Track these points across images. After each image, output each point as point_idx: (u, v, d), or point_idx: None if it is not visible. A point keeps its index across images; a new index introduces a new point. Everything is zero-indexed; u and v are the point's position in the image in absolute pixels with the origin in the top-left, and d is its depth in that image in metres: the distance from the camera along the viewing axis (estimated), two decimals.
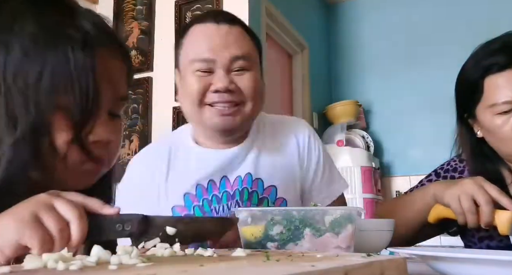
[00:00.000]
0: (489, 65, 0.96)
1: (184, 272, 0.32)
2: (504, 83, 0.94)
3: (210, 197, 0.99)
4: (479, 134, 1.03)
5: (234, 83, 0.94)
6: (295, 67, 3.34)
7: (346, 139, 3.18)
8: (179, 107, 2.49)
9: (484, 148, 1.03)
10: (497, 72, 0.95)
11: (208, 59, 0.94)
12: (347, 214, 0.59)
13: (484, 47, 1.00)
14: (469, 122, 1.05)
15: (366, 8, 3.74)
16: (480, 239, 1.00)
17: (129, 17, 2.77)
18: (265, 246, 0.59)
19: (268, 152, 1.04)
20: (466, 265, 0.52)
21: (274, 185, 1.00)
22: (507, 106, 0.94)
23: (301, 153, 1.07)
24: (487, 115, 0.97)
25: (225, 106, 0.94)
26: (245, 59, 0.95)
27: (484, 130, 1.01)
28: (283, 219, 0.59)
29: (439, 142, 1.16)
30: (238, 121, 0.96)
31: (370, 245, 0.77)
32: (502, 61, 0.95)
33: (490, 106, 0.96)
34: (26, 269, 0.34)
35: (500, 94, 0.94)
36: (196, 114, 0.97)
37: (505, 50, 0.96)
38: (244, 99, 0.96)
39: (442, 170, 1.12)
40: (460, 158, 1.11)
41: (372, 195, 3.04)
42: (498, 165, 1.03)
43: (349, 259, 0.40)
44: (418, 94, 3.36)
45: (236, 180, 1.00)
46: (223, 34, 0.95)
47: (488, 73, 0.96)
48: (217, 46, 0.94)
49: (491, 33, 1.03)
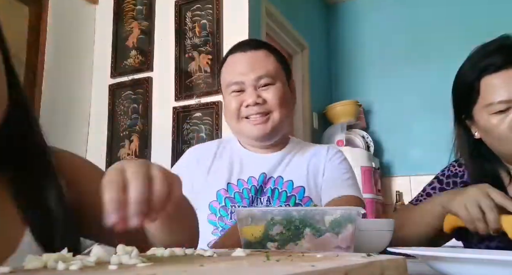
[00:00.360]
0: (485, 66, 0.97)
1: (184, 272, 0.32)
2: (500, 83, 0.95)
3: (241, 190, 1.16)
4: (477, 135, 1.04)
5: (262, 97, 1.15)
6: (295, 67, 3.34)
7: (346, 139, 3.18)
8: (179, 107, 2.50)
9: (482, 149, 1.04)
10: (493, 73, 0.96)
11: (238, 82, 1.17)
12: (347, 214, 0.59)
13: (480, 49, 1.01)
14: (467, 123, 1.06)
15: (366, 8, 3.74)
16: (479, 240, 1.00)
17: (129, 17, 2.77)
18: (265, 246, 0.59)
19: (301, 159, 1.22)
20: (466, 265, 0.52)
21: (302, 185, 1.17)
22: (503, 105, 0.95)
23: (326, 163, 1.22)
24: (484, 115, 0.98)
25: (256, 117, 1.15)
26: (269, 76, 1.16)
27: (481, 130, 1.01)
28: (283, 219, 0.59)
29: (439, 142, 1.16)
30: (269, 127, 1.16)
31: (370, 245, 0.76)
32: (498, 62, 0.96)
33: (486, 105, 0.97)
34: (26, 269, 0.34)
35: (496, 94, 0.95)
36: (236, 126, 1.19)
37: (501, 51, 0.97)
38: (271, 108, 1.16)
39: (444, 177, 1.13)
40: (459, 163, 1.12)
41: (372, 195, 3.04)
42: (496, 167, 1.04)
43: (349, 259, 0.40)
44: (418, 94, 3.36)
45: (269, 180, 1.17)
46: (248, 59, 1.17)
47: (484, 73, 0.98)
48: (244, 70, 1.16)
49: (491, 33, 1.03)
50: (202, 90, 2.46)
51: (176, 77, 2.54)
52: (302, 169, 1.19)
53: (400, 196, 3.30)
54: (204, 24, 2.53)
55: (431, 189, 1.14)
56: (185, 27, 2.58)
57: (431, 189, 1.14)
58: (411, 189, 3.31)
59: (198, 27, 2.54)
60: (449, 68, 1.27)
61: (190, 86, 2.50)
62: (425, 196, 1.14)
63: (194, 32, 2.55)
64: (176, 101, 2.52)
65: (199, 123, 2.44)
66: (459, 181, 1.10)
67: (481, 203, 0.85)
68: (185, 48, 2.56)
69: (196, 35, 2.54)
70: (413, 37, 3.48)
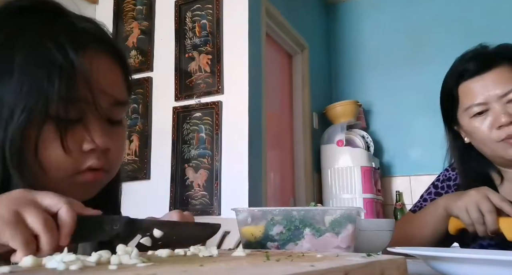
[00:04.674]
0: (461, 73, 1.03)
1: (184, 272, 0.32)
2: (475, 87, 1.00)
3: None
4: (466, 140, 1.07)
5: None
6: (295, 67, 3.34)
7: (346, 139, 3.18)
8: (179, 107, 2.50)
9: (472, 153, 1.08)
10: (468, 79, 1.02)
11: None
12: (347, 214, 0.59)
13: (459, 58, 1.08)
14: (455, 129, 1.10)
15: (366, 8, 3.74)
16: (473, 239, 1.03)
17: (129, 17, 2.77)
18: (265, 246, 0.59)
19: None
20: (466, 265, 0.52)
21: None
22: (480, 107, 0.99)
23: None
24: (465, 119, 1.03)
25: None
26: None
27: (467, 134, 1.06)
28: (283, 219, 0.59)
29: (439, 142, 1.17)
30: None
31: (370, 245, 0.76)
32: (472, 68, 1.01)
33: (466, 109, 1.02)
34: (26, 269, 0.34)
35: (472, 98, 1.01)
36: None
37: (475, 58, 1.03)
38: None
39: (439, 182, 1.17)
40: (452, 167, 1.16)
41: (372, 195, 3.05)
42: (486, 168, 1.07)
43: (349, 259, 0.40)
44: (418, 94, 3.36)
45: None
46: None
47: (461, 80, 1.03)
48: None
49: (491, 34, 1.04)
50: (202, 90, 2.46)
51: (176, 77, 2.54)
52: None
53: (400, 196, 3.31)
54: (204, 24, 2.53)
55: (427, 195, 1.17)
56: (185, 27, 2.58)
57: (427, 195, 1.18)
58: (411, 189, 3.32)
59: (198, 27, 2.55)
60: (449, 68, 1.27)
61: (190, 86, 2.50)
62: (422, 201, 1.17)
63: (194, 32, 2.55)
64: (176, 101, 2.52)
65: (199, 123, 2.44)
66: (452, 184, 1.14)
67: (481, 206, 0.87)
68: (185, 48, 2.56)
69: (196, 35, 2.54)
70: (413, 37, 3.48)
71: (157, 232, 0.53)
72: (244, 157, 2.30)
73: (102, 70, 0.60)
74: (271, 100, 2.79)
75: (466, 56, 1.06)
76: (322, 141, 3.30)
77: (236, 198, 2.26)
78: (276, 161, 2.91)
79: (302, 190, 3.08)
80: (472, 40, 1.07)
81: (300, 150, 3.17)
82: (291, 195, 3.08)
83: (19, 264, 0.35)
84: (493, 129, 0.98)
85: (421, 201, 1.17)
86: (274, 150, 2.86)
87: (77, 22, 0.60)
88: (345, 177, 3.09)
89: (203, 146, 2.40)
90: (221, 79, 2.42)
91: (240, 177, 2.28)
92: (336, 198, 3.09)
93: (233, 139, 2.34)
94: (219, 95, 2.42)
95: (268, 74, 2.67)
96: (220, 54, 2.44)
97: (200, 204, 2.34)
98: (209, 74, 2.46)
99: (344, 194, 3.07)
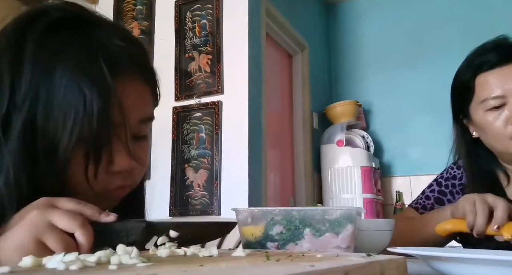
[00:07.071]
0: (480, 64, 0.99)
1: (184, 272, 0.32)
2: (494, 79, 0.96)
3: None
4: (475, 134, 1.04)
5: None
6: (295, 67, 3.34)
7: (346, 139, 3.18)
8: (179, 107, 2.50)
9: (479, 149, 1.05)
10: (487, 70, 0.98)
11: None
12: (347, 214, 0.59)
13: (477, 49, 1.03)
14: (464, 123, 1.06)
15: (366, 8, 3.74)
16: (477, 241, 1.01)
17: (129, 17, 2.77)
18: (265, 246, 0.59)
19: None
20: (466, 265, 0.52)
21: None
22: (497, 101, 0.96)
23: None
24: (479, 112, 0.99)
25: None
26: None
27: (478, 128, 1.02)
28: (283, 219, 0.59)
29: (439, 142, 1.17)
30: None
31: (370, 245, 0.76)
32: (493, 59, 0.97)
33: (481, 102, 0.98)
34: (26, 269, 0.34)
35: (490, 90, 0.96)
36: None
37: (496, 49, 0.98)
38: None
39: (443, 179, 1.13)
40: (457, 165, 1.12)
41: (372, 195, 3.05)
42: (493, 167, 1.04)
43: (349, 259, 0.40)
44: (418, 94, 3.36)
45: None
46: None
47: (479, 71, 0.99)
48: None
49: (491, 34, 1.04)
50: (202, 90, 2.46)
51: (176, 77, 2.54)
52: None
53: (400, 196, 3.31)
54: (204, 24, 2.53)
55: (430, 192, 1.14)
56: (185, 27, 2.58)
57: (430, 191, 1.14)
58: (411, 189, 3.32)
59: (198, 27, 2.54)
60: (449, 68, 1.27)
61: (190, 86, 2.50)
62: (424, 198, 1.14)
63: (194, 32, 2.55)
64: (176, 101, 2.51)
65: (199, 123, 2.44)
66: (458, 183, 1.10)
67: (494, 202, 0.83)
68: (185, 48, 2.56)
69: (196, 35, 2.54)
70: (413, 37, 3.48)
71: (173, 233, 0.53)
72: (244, 157, 2.30)
73: (134, 93, 0.60)
74: (271, 100, 2.79)
75: (485, 46, 1.01)
76: (322, 141, 3.30)
77: (236, 198, 2.26)
78: (276, 161, 2.91)
79: (302, 190, 3.08)
80: (472, 40, 1.07)
81: (300, 150, 3.17)
82: (291, 195, 3.08)
83: (19, 264, 0.35)
84: (508, 124, 0.94)
85: (423, 198, 1.13)
86: (274, 150, 2.86)
87: (113, 39, 0.58)
88: (345, 177, 3.09)
89: (203, 146, 2.40)
90: (221, 79, 2.42)
91: (240, 177, 2.28)
92: (336, 198, 3.09)
93: (233, 139, 2.34)
94: (219, 95, 2.42)
95: (268, 74, 2.67)
96: (220, 54, 2.44)
97: (200, 204, 2.34)
98: (209, 74, 2.46)
99: (344, 194, 3.07)
